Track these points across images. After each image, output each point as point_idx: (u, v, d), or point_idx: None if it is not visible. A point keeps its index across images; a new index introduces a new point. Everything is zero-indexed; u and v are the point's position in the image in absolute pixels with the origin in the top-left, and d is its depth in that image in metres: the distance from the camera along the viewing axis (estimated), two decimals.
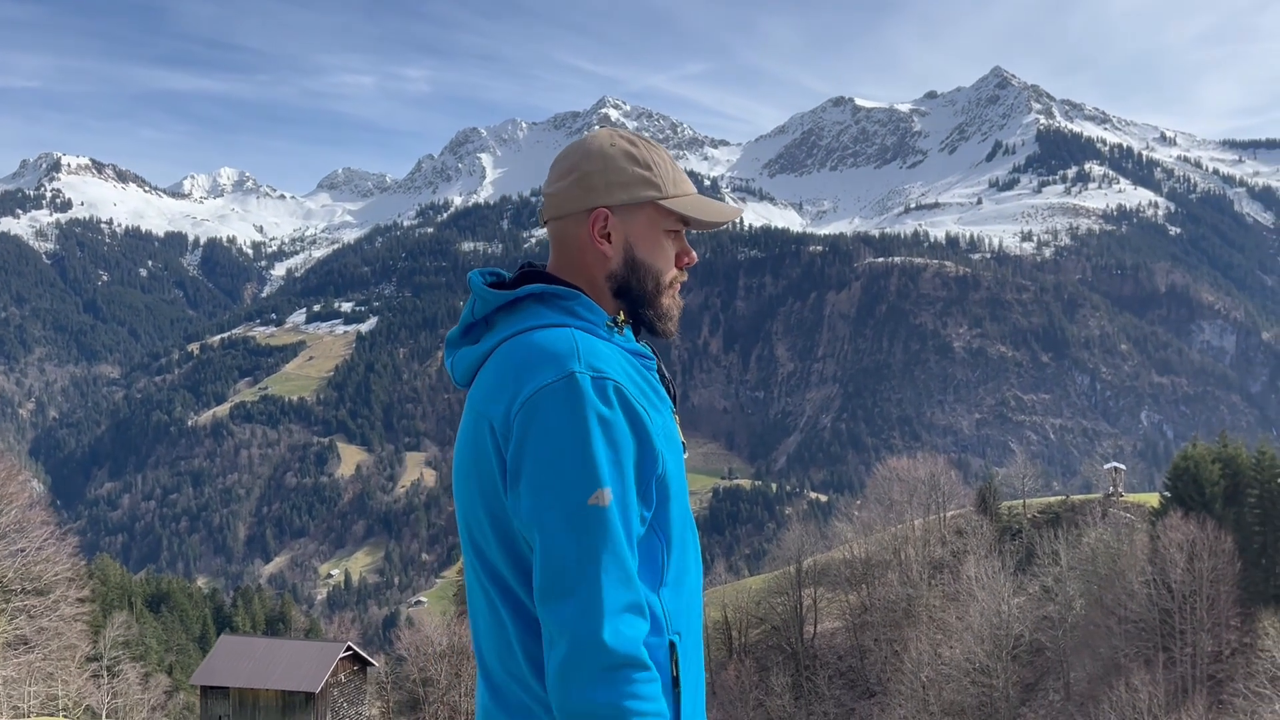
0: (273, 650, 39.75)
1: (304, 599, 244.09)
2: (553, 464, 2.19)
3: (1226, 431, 47.60)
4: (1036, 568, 40.25)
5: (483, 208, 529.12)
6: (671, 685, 2.29)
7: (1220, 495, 37.01)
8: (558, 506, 2.17)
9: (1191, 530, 32.97)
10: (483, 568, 2.40)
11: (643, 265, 2.58)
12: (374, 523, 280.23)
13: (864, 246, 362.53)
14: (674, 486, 2.40)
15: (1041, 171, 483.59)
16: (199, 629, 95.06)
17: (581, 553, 2.15)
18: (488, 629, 2.40)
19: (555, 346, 2.30)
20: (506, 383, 2.32)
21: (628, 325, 2.59)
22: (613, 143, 2.58)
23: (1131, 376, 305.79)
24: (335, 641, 43.77)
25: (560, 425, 2.20)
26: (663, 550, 2.37)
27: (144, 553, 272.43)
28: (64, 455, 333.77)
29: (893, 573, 44.79)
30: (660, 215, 2.59)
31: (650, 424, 2.33)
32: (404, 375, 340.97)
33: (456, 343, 2.64)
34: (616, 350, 2.41)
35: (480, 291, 2.53)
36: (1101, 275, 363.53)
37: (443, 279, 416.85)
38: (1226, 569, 33.41)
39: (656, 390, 2.49)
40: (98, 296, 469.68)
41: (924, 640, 36.33)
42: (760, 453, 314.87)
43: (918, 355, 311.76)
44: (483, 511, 2.37)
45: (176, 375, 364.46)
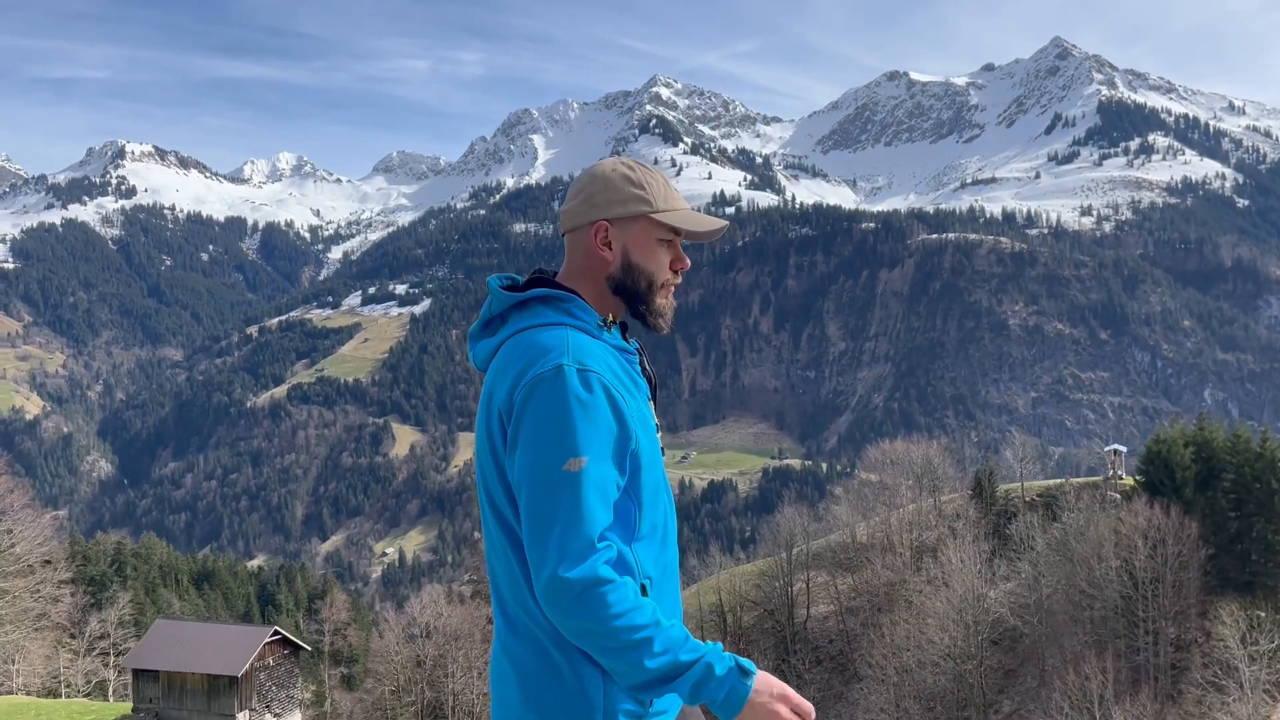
0: (203, 634, 40.66)
1: (359, 577, 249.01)
2: (539, 436, 2.77)
3: (1204, 414, 46.13)
4: (1012, 553, 39.58)
5: (534, 189, 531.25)
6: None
7: (1191, 480, 35.81)
8: (539, 470, 2.75)
9: (1156, 516, 32.09)
10: (496, 518, 2.99)
11: (637, 268, 3.14)
12: (427, 502, 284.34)
13: (918, 223, 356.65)
14: (645, 459, 2.96)
15: (1103, 144, 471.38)
16: (242, 606, 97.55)
17: (554, 507, 2.72)
18: (503, 569, 3.00)
19: (550, 343, 2.89)
20: (510, 370, 2.91)
21: (616, 325, 3.15)
22: (614, 169, 3.19)
23: (1195, 354, 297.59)
24: (263, 626, 44.46)
25: (547, 406, 2.78)
26: (635, 511, 2.93)
27: (206, 531, 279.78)
28: (130, 436, 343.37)
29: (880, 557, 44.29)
30: (652, 226, 3.15)
31: (625, 408, 2.89)
32: (456, 356, 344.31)
33: (477, 335, 3.22)
34: (603, 346, 2.98)
35: (496, 293, 3.14)
36: (1164, 250, 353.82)
37: (495, 261, 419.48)
38: (1191, 556, 32.43)
39: (635, 380, 3.07)
40: (161, 281, 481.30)
41: (901, 625, 36.02)
42: (811, 433, 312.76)
43: (972, 333, 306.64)
44: (495, 474, 2.96)
45: (236, 357, 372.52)
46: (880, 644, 36.24)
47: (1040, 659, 34.23)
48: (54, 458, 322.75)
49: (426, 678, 39.91)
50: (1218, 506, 35.33)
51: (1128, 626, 32.56)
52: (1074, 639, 33.38)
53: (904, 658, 35.03)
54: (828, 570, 49.09)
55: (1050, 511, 41.57)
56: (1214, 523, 35.04)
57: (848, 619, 45.76)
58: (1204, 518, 34.92)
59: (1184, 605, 32.58)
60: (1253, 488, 34.55)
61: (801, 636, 45.09)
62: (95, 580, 73.91)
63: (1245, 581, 34.65)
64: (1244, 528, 35.07)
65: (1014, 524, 41.22)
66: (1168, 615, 31.88)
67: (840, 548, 49.75)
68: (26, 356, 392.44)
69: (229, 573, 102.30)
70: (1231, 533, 35.28)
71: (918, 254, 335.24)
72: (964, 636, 33.82)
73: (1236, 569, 34.92)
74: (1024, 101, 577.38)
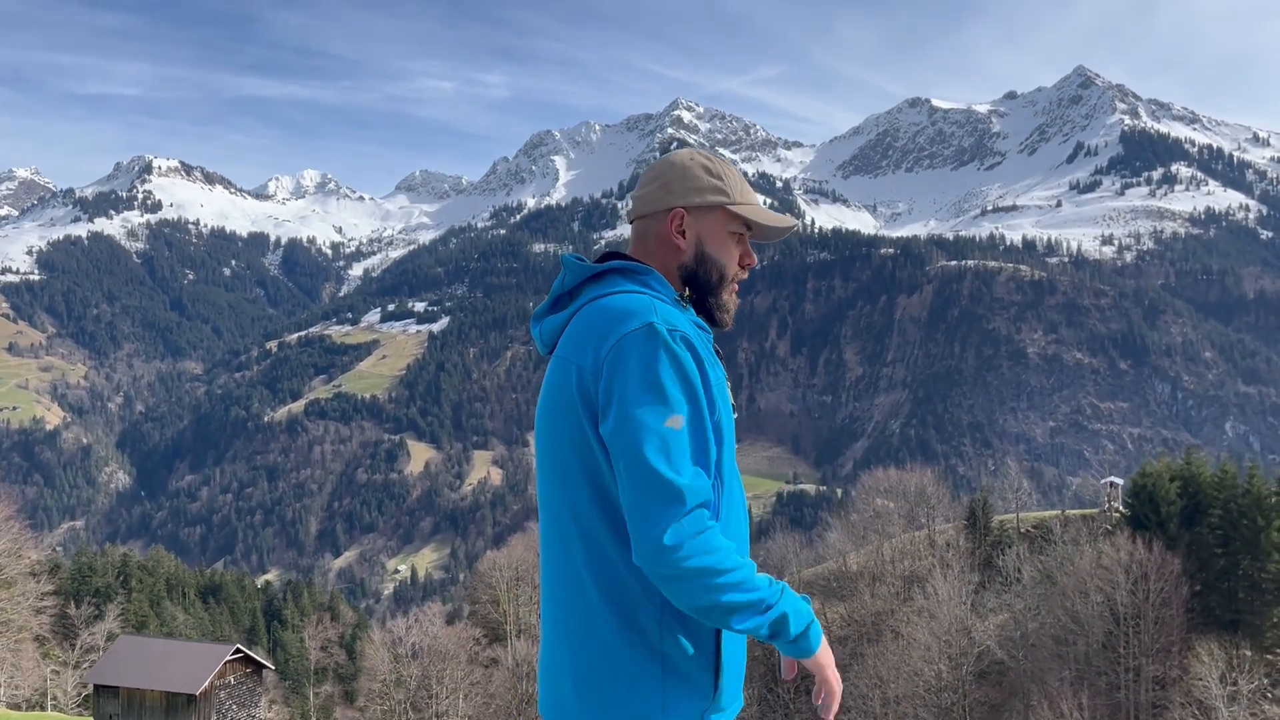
0: (166, 651, 40.58)
1: (371, 594, 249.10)
2: (635, 395, 2.67)
3: (1191, 449, 45.56)
4: (999, 585, 39.12)
5: (554, 209, 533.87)
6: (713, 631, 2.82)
7: (1177, 515, 35.24)
8: (640, 430, 2.64)
9: (1139, 551, 31.63)
10: (565, 498, 2.86)
11: (710, 259, 3.09)
12: (441, 520, 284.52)
13: (937, 249, 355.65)
14: (726, 434, 2.87)
15: (1125, 173, 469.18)
16: (248, 621, 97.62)
17: (650, 467, 2.61)
18: (577, 541, 2.85)
19: (635, 306, 2.81)
20: (594, 333, 2.81)
21: (689, 305, 3.07)
22: (691, 158, 3.18)
23: (1216, 385, 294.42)
24: (225, 644, 44.37)
25: (641, 363, 2.69)
26: (718, 490, 2.83)
27: (220, 544, 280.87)
28: (149, 448, 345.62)
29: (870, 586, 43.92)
30: (727, 218, 3.10)
31: (712, 374, 2.84)
32: (473, 374, 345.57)
33: (543, 314, 3.12)
34: (685, 317, 2.91)
35: (570, 265, 3.07)
36: (1186, 280, 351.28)
37: (513, 280, 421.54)
38: (1174, 592, 31.90)
39: (715, 356, 2.97)
40: (183, 295, 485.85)
41: (886, 657, 35.67)
42: (826, 458, 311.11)
43: (990, 361, 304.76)
44: (570, 450, 2.83)
45: (255, 372, 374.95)
46: (866, 675, 35.90)
47: (1025, 694, 33.78)
48: (73, 468, 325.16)
49: (410, 699, 39.82)
50: (1204, 543, 34.79)
51: (1109, 663, 32.06)
52: (1057, 674, 32.91)
53: (889, 689, 34.67)
54: (819, 598, 48.47)
55: (1037, 544, 41.14)
56: (1199, 559, 34.47)
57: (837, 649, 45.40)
58: (1189, 554, 34.34)
59: (1166, 642, 32.04)
60: (1239, 524, 33.98)
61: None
62: (99, 592, 74.17)
63: (1230, 620, 34.03)
64: (1230, 565, 34.49)
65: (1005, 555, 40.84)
66: (1149, 652, 31.37)
67: (832, 576, 49.23)
68: (49, 367, 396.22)
69: (236, 587, 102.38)
70: (1217, 569, 34.71)
71: (936, 280, 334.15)
72: (949, 669, 33.47)
73: (1222, 606, 34.32)
74: (1046, 130, 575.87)
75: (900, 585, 43.23)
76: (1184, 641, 32.66)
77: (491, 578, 57.78)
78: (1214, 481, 35.95)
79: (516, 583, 57.50)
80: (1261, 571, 33.59)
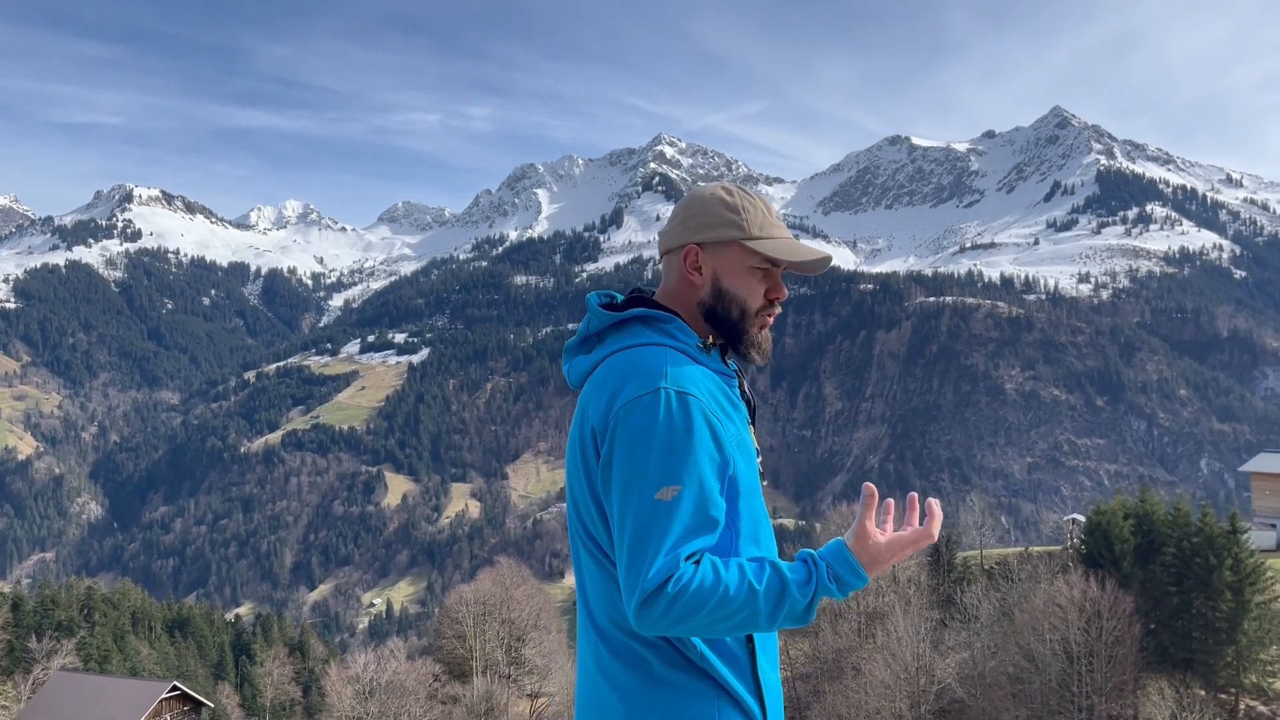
0: (99, 688, 39.79)
1: (345, 627, 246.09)
2: (633, 461, 2.70)
3: (1146, 485, 45.88)
4: (957, 622, 39.13)
5: (536, 242, 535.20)
6: (746, 644, 2.86)
7: (1130, 553, 35.44)
8: (632, 496, 2.68)
9: (1092, 589, 31.73)
10: (588, 536, 2.94)
11: (728, 294, 3.02)
12: (417, 553, 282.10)
13: (915, 285, 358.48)
14: (744, 486, 2.87)
15: (1101, 212, 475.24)
16: (216, 656, 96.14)
17: (646, 535, 2.64)
18: (594, 587, 2.95)
19: (649, 364, 2.81)
20: (606, 389, 2.84)
21: (715, 348, 3.03)
22: (713, 193, 3.14)
23: (1191, 423, 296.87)
24: (161, 681, 43.64)
25: (643, 430, 2.70)
26: (733, 540, 2.84)
27: (194, 577, 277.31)
28: (122, 478, 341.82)
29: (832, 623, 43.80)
30: (745, 253, 3.03)
31: (723, 433, 2.80)
32: (453, 406, 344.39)
33: (574, 351, 3.15)
34: (702, 370, 2.88)
35: (595, 311, 3.07)
36: (1161, 318, 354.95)
37: (494, 312, 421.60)
38: (1127, 631, 31.97)
39: (734, 404, 2.96)
40: (161, 324, 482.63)
41: (844, 694, 35.55)
42: (806, 492, 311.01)
43: (968, 396, 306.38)
44: (588, 492, 2.89)
45: (233, 402, 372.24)
46: (825, 713, 35.71)
47: None
48: (44, 499, 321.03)
49: None
50: (1157, 581, 34.92)
51: (1064, 702, 32.05)
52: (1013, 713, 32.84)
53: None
54: (784, 634, 48.44)
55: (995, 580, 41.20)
56: (1153, 597, 34.60)
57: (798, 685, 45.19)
58: (1143, 592, 34.45)
59: (1119, 681, 32.03)
60: (1192, 563, 34.17)
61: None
62: (61, 626, 72.74)
63: (1184, 659, 34.09)
64: (1183, 603, 34.62)
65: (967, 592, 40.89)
66: (1102, 691, 31.38)
67: None
68: (23, 396, 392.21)
69: (205, 621, 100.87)
70: (1171, 608, 34.82)
71: (915, 316, 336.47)
72: (909, 707, 33.36)
73: (1175, 645, 34.39)
74: (1024, 169, 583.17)
75: (862, 622, 43.20)
76: (1136, 680, 32.68)
77: (458, 613, 57.17)
78: (1167, 520, 36.18)
79: (484, 618, 56.93)
80: (1214, 611, 33.72)
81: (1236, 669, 34.33)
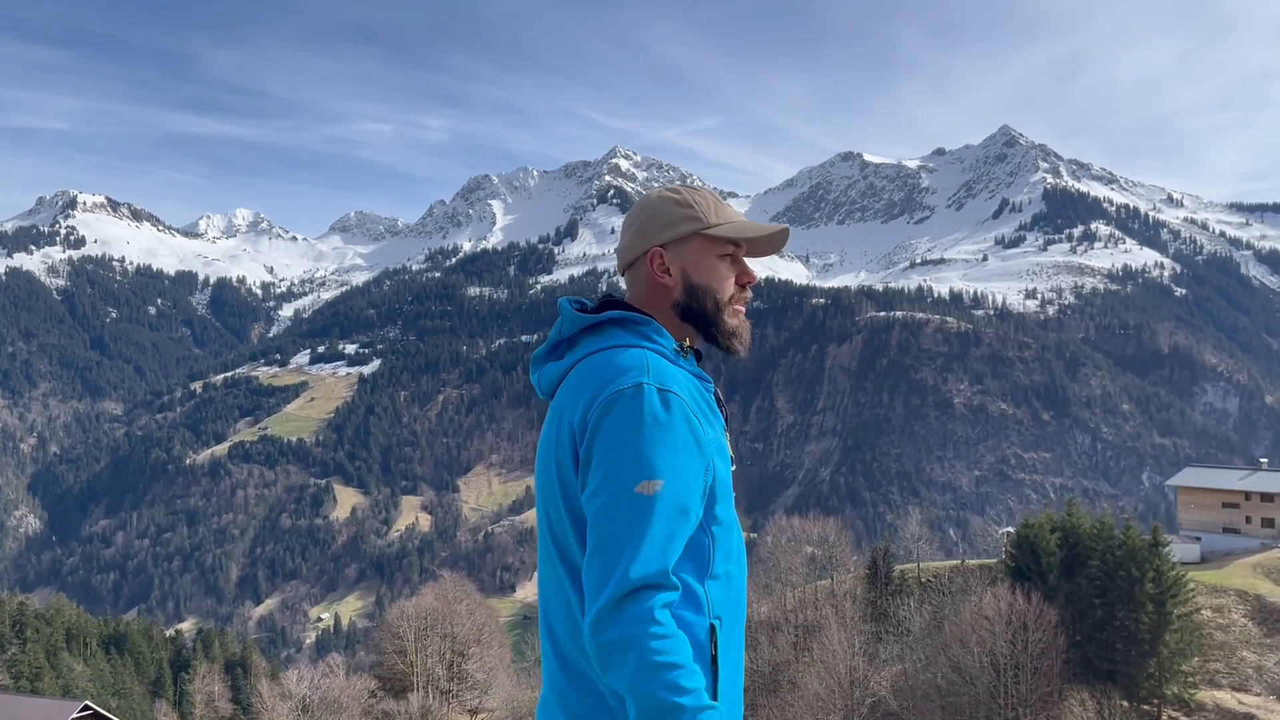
0: (10, 707, 38.67)
1: (292, 642, 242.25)
2: (613, 455, 2.61)
3: (1073, 499, 46.86)
4: (891, 635, 39.62)
5: (491, 253, 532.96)
6: (710, 664, 2.63)
7: (1056, 566, 36.17)
8: (610, 489, 2.58)
9: (1019, 602, 32.34)
10: (557, 551, 2.84)
11: (699, 288, 3.02)
12: (366, 566, 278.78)
13: (866, 300, 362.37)
14: (720, 491, 2.79)
15: (1048, 230, 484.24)
16: (154, 673, 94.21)
17: (622, 531, 2.53)
18: (557, 606, 2.83)
19: (629, 363, 2.75)
20: (585, 389, 2.76)
21: (692, 352, 3.01)
22: (659, 195, 3.12)
23: (1133, 437, 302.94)
24: (72, 701, 42.78)
25: (624, 423, 2.62)
26: (710, 546, 2.74)
27: (135, 592, 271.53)
28: (62, 491, 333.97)
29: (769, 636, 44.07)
30: (707, 243, 3.03)
31: (703, 435, 2.73)
32: (404, 418, 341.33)
33: (542, 359, 3.07)
34: (681, 372, 2.84)
35: (569, 314, 3.00)
36: (1105, 334, 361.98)
37: (447, 323, 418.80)
38: (1052, 643, 32.58)
39: (712, 408, 2.90)
40: (105, 333, 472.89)
41: (779, 709, 35.77)
42: (758, 505, 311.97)
43: (918, 410, 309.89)
44: (561, 501, 2.79)
45: (178, 413, 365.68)
46: None
47: None
48: None
49: None
50: (1082, 593, 35.58)
51: (990, 713, 32.52)
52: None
53: None
54: None
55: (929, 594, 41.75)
56: (1078, 609, 35.25)
57: None
58: (1068, 604, 35.08)
59: (1044, 693, 32.54)
60: (1115, 575, 34.85)
61: None
62: None
63: (1107, 670, 34.73)
64: (1106, 616, 35.28)
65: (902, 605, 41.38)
66: (1028, 703, 31.88)
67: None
68: None
69: (143, 637, 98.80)
70: (1095, 620, 35.48)
71: (866, 330, 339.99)
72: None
73: (1099, 657, 35.05)
74: (973, 186, 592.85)
75: (798, 635, 43.43)
76: (1061, 692, 33.23)
77: (399, 627, 56.69)
78: (1092, 533, 36.86)
79: (425, 632, 56.51)
80: (1136, 623, 34.41)
81: (1158, 680, 35.08)
